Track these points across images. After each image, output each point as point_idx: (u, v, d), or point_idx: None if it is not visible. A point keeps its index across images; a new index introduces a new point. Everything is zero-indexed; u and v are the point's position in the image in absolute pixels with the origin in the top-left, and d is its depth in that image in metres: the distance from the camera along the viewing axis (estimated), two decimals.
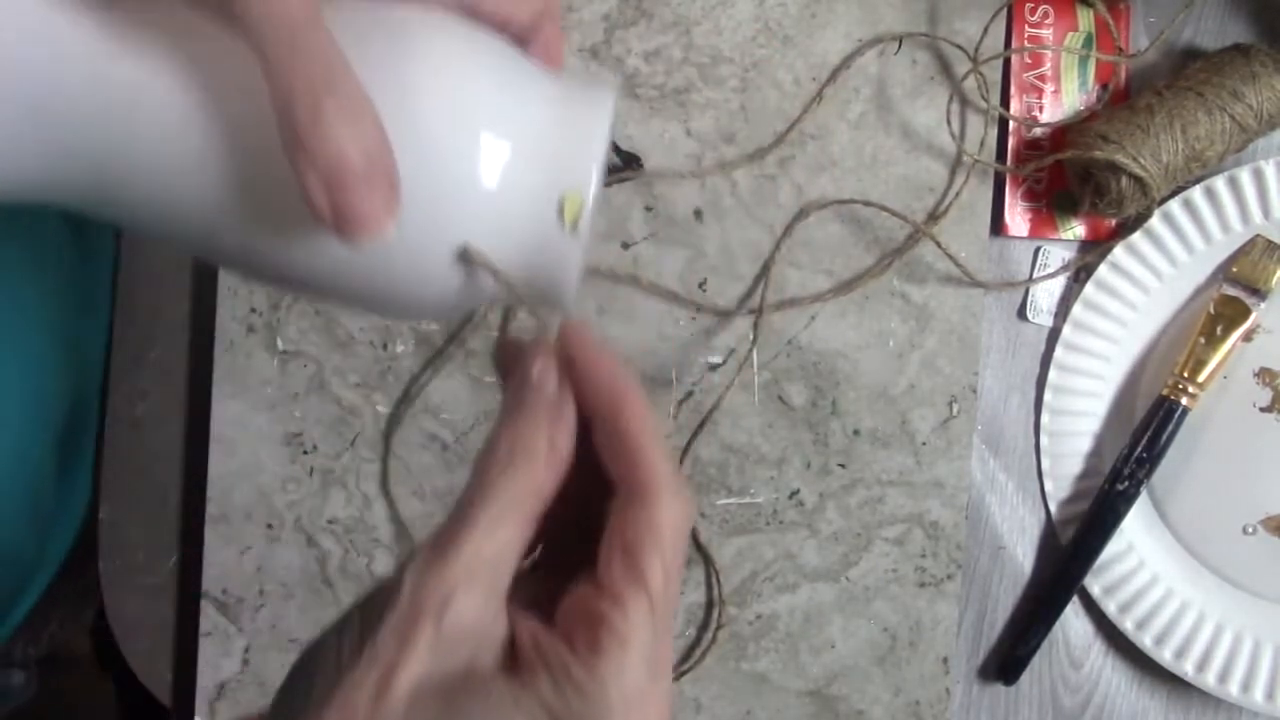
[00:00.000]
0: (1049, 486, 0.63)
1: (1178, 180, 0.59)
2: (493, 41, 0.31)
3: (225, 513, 0.61)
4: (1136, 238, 0.61)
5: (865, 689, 0.62)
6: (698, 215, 0.61)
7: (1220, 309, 0.60)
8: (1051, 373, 0.62)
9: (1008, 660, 0.63)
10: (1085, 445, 0.63)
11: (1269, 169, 0.60)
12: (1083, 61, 0.62)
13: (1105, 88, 0.62)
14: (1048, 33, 0.62)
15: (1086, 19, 0.62)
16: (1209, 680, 0.61)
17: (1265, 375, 0.62)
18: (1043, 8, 0.62)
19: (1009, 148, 0.62)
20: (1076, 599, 0.62)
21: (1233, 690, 0.60)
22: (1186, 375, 0.60)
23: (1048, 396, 0.62)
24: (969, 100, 0.61)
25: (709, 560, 0.61)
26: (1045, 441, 0.62)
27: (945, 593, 0.62)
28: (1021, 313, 0.63)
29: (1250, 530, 0.62)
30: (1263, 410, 0.62)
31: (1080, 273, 0.62)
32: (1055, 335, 0.62)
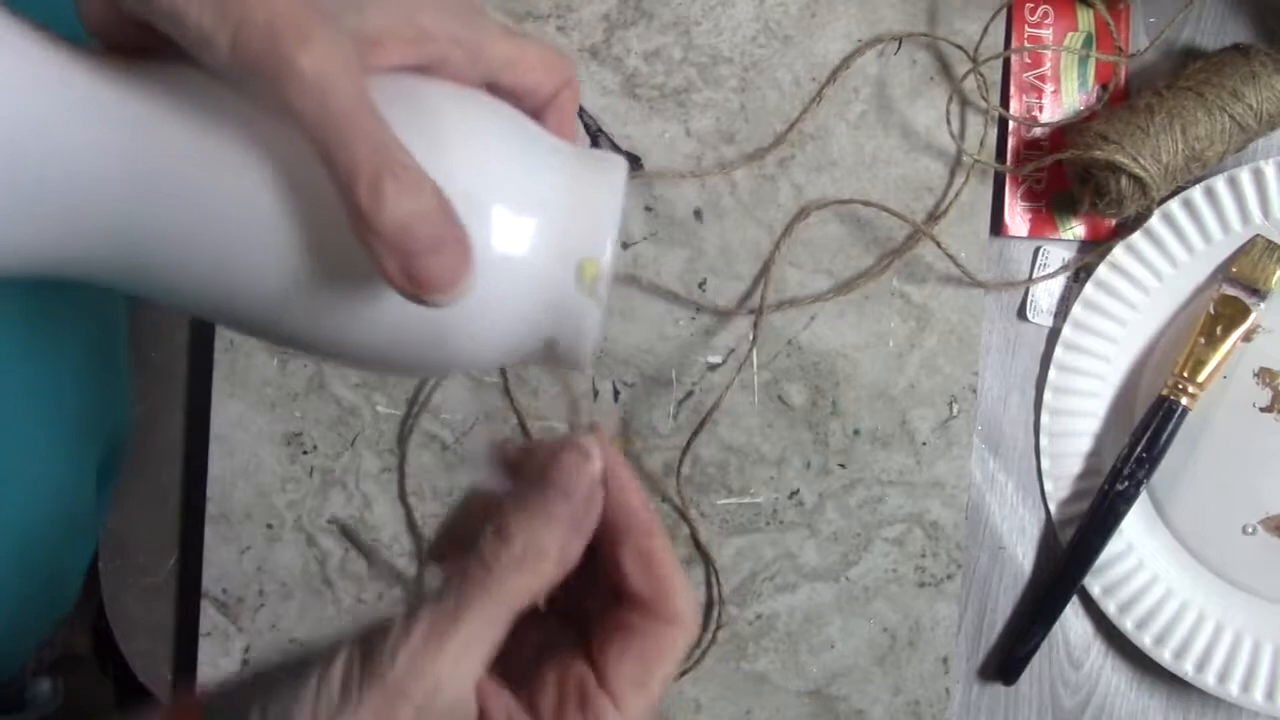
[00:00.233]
0: (1049, 486, 0.63)
1: (1177, 180, 0.59)
2: (513, 114, 0.33)
3: (225, 512, 0.61)
4: (1136, 238, 0.61)
5: (865, 689, 0.62)
6: (697, 215, 0.61)
7: (1220, 309, 0.60)
8: (1051, 373, 0.62)
9: (1007, 660, 0.63)
10: (1085, 445, 0.63)
11: (1269, 169, 0.60)
12: (1082, 61, 0.62)
13: (1105, 88, 0.62)
14: (1047, 33, 0.62)
15: (1086, 19, 0.62)
16: (1208, 680, 0.61)
17: (1265, 375, 0.62)
18: (1043, 8, 0.62)
19: (1009, 148, 0.62)
20: (1076, 599, 0.62)
21: (1232, 690, 0.60)
22: (1186, 375, 0.60)
23: (1047, 396, 0.62)
24: (969, 100, 0.61)
25: (709, 560, 0.61)
26: (1045, 441, 0.62)
27: (945, 593, 0.62)
28: (1021, 313, 0.63)
29: (1250, 530, 0.62)
30: (1263, 410, 0.62)
31: (1080, 273, 0.62)
32: (1055, 335, 0.62)
